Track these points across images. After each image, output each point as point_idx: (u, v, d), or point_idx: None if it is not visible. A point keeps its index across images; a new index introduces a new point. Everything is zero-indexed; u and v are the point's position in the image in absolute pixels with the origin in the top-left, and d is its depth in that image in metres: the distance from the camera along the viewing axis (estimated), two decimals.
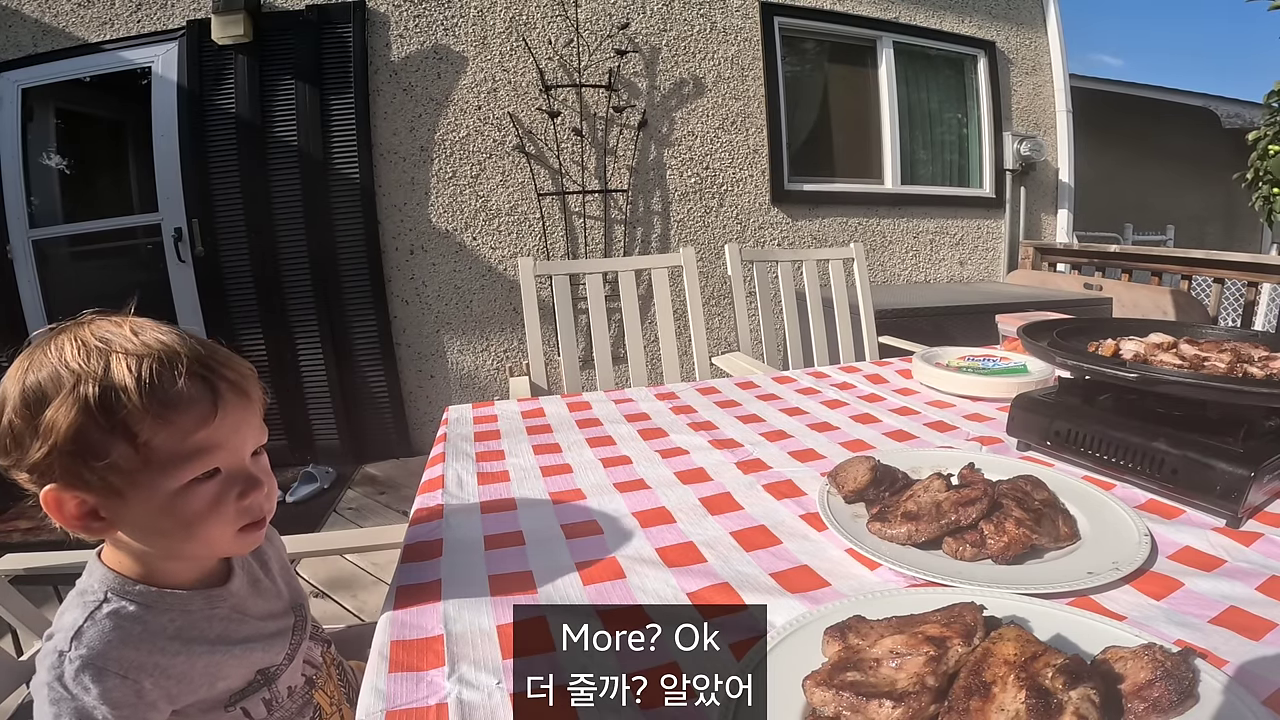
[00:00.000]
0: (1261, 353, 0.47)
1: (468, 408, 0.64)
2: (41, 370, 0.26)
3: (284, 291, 1.71)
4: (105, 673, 0.27)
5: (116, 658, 0.27)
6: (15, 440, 0.26)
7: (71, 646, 0.27)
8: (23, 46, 1.64)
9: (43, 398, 0.25)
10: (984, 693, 0.23)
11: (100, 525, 0.27)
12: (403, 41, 1.73)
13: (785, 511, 0.41)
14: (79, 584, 0.29)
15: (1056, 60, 2.37)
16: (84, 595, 0.29)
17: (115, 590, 0.28)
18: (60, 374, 0.25)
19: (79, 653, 0.27)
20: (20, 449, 0.26)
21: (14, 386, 0.26)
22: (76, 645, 0.27)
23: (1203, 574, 0.33)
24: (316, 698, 0.36)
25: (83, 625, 0.27)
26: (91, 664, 0.27)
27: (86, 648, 0.27)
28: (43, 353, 0.27)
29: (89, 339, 0.27)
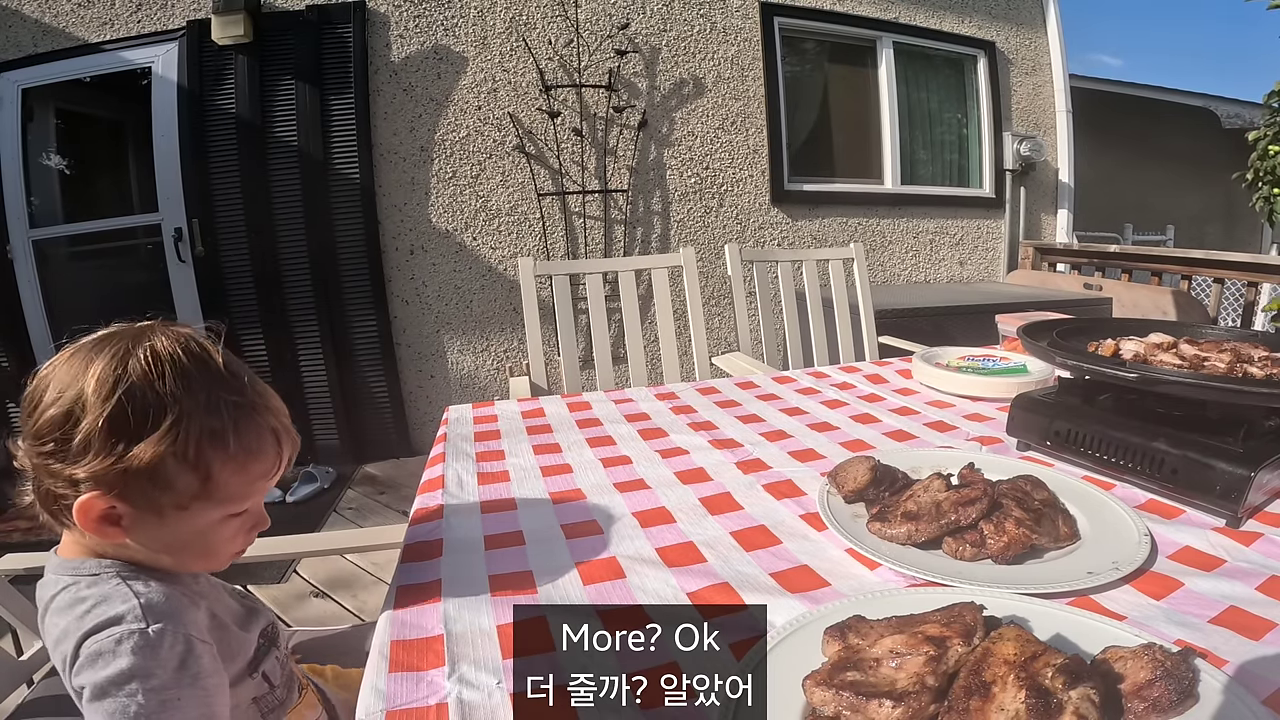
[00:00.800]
0: (1261, 353, 0.47)
1: (468, 408, 0.64)
2: (134, 390, 0.25)
3: (284, 291, 1.71)
4: (193, 640, 0.26)
5: (190, 622, 0.27)
6: (86, 448, 0.25)
7: (148, 620, 0.25)
8: (23, 47, 1.64)
9: (134, 424, 0.25)
10: (984, 692, 0.23)
11: (115, 531, 0.27)
12: (403, 42, 1.73)
13: (785, 511, 0.41)
14: (64, 578, 0.28)
15: (1056, 60, 2.37)
16: (100, 582, 0.27)
17: (124, 571, 0.28)
18: (160, 402, 0.25)
19: (159, 624, 0.25)
20: (90, 456, 0.25)
21: (98, 397, 0.25)
22: (151, 617, 0.26)
23: (1203, 574, 0.33)
24: (294, 671, 0.37)
25: (139, 601, 0.26)
26: (180, 636, 0.26)
27: (162, 617, 0.26)
28: (135, 364, 0.26)
29: (187, 366, 0.27)
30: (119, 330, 0.28)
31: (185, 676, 0.26)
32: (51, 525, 0.28)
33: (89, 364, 0.26)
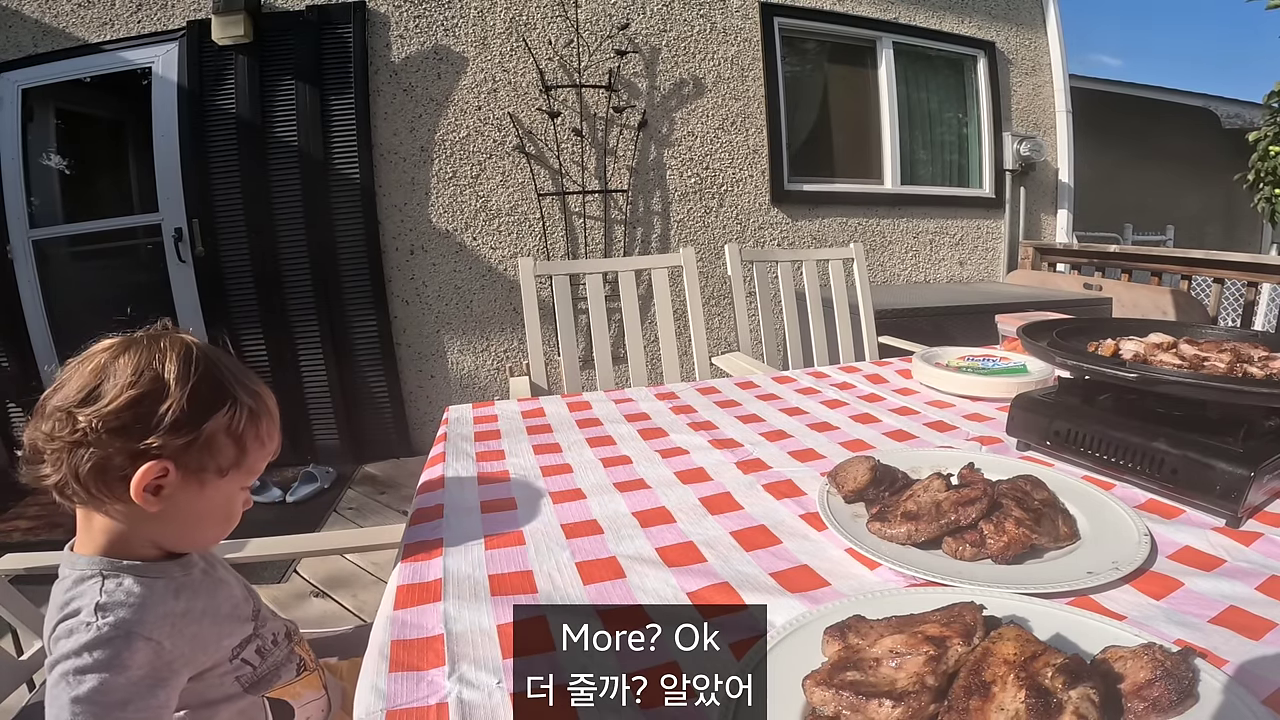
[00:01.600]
0: (1261, 353, 0.47)
1: (468, 408, 0.64)
2: (205, 374, 0.33)
3: (284, 291, 1.71)
4: (133, 636, 0.31)
5: (139, 621, 0.31)
6: (165, 421, 0.31)
7: (98, 617, 0.30)
8: (23, 47, 1.64)
9: (206, 403, 0.32)
10: (984, 692, 0.23)
11: (154, 501, 0.32)
12: (403, 42, 1.73)
13: (785, 511, 0.41)
14: (67, 576, 0.32)
15: (1056, 61, 2.37)
16: (82, 580, 0.32)
17: (108, 569, 0.32)
18: (221, 386, 0.33)
19: (106, 620, 0.30)
20: (167, 429, 0.31)
21: (178, 379, 0.32)
22: (102, 615, 0.30)
23: (1202, 574, 0.33)
24: (299, 651, 0.39)
25: (100, 599, 0.31)
26: (120, 629, 0.30)
27: (114, 616, 0.31)
28: (199, 355, 0.33)
29: (226, 359, 0.35)
30: (152, 333, 0.34)
31: (115, 663, 0.30)
32: (67, 505, 0.33)
33: (153, 355, 0.32)
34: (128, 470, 0.31)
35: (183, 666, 0.33)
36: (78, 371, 0.32)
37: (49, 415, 0.31)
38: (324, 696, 0.40)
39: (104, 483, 0.31)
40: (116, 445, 0.30)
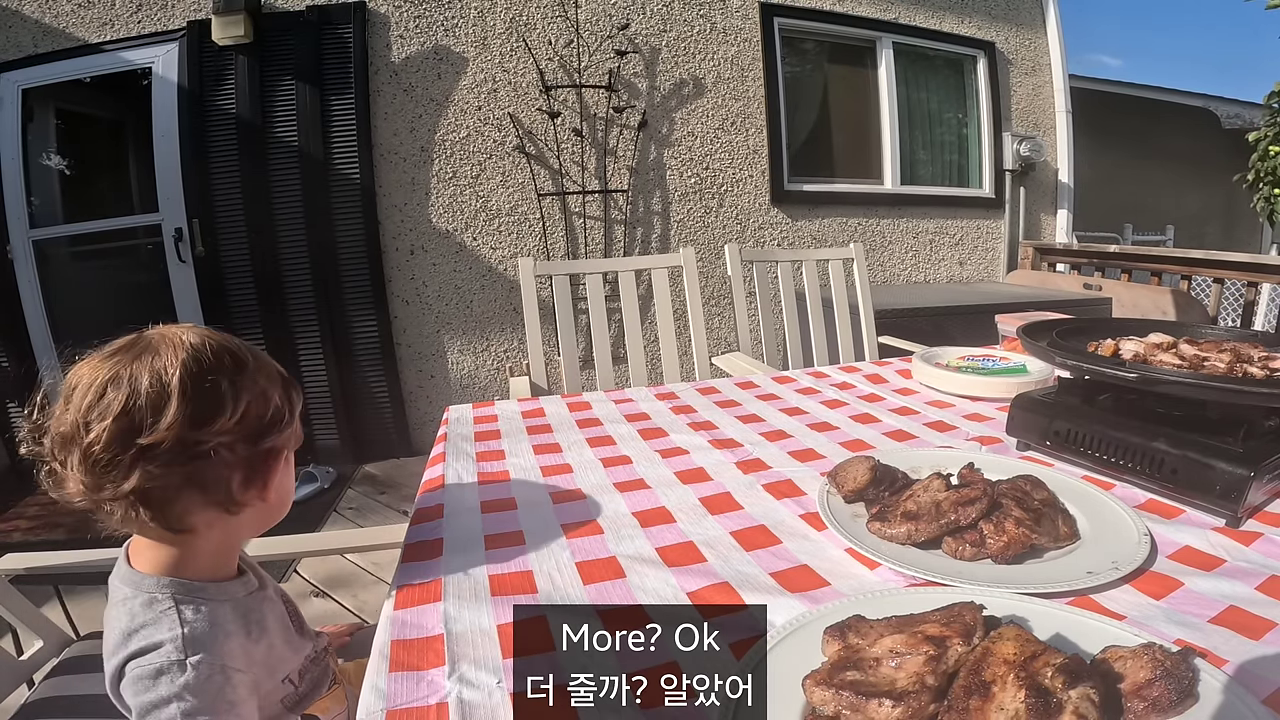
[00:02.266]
0: (1261, 353, 0.47)
1: (468, 408, 0.64)
2: (259, 378, 0.33)
3: (284, 291, 1.71)
4: (229, 671, 0.29)
5: (227, 653, 0.30)
6: (277, 414, 0.32)
7: (188, 653, 0.28)
8: (23, 47, 1.64)
9: (235, 404, 0.31)
10: (983, 692, 0.23)
11: (250, 497, 0.32)
12: (403, 42, 1.73)
13: (785, 511, 0.41)
14: (131, 597, 0.30)
15: (1056, 61, 2.37)
16: (153, 605, 0.30)
17: (180, 594, 0.30)
18: (243, 384, 0.32)
19: (198, 657, 0.28)
20: (216, 427, 0.30)
21: (274, 378, 0.34)
22: (192, 650, 0.29)
23: (1202, 573, 0.33)
24: (330, 662, 0.38)
25: (184, 632, 0.29)
26: (215, 665, 0.29)
27: (204, 651, 0.29)
28: (256, 369, 0.34)
29: (235, 349, 0.35)
30: (162, 329, 0.34)
31: (221, 703, 0.29)
32: (132, 525, 0.30)
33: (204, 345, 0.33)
34: (230, 475, 0.30)
35: (261, 694, 0.32)
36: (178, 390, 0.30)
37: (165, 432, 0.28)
38: (345, 709, 0.39)
39: (203, 491, 0.29)
40: (241, 449, 0.30)
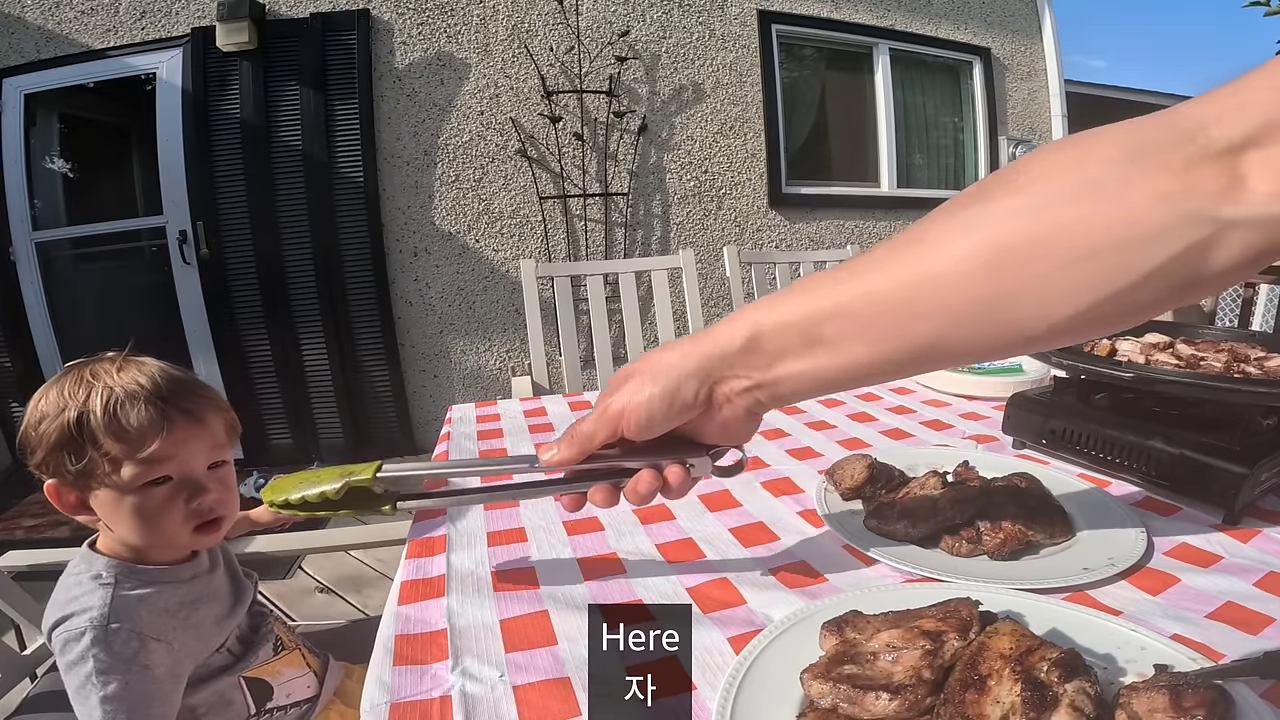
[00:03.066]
0: (1258, 352, 0.47)
1: (471, 407, 0.65)
2: (49, 396, 0.35)
3: (289, 293, 1.72)
4: (146, 638, 0.33)
5: (152, 624, 0.34)
6: (29, 445, 0.35)
7: (111, 619, 0.32)
8: (25, 53, 1.66)
9: (44, 417, 0.34)
10: (979, 685, 0.23)
11: (90, 516, 0.35)
12: (406, 48, 1.75)
13: (783, 508, 0.41)
14: (78, 571, 0.35)
15: (1051, 66, 2.40)
16: (98, 579, 0.34)
17: (123, 571, 0.35)
18: (58, 400, 0.34)
19: (119, 624, 0.32)
20: (32, 451, 0.35)
21: (33, 407, 0.35)
22: (115, 617, 0.32)
23: (1199, 570, 0.33)
24: (275, 629, 0.41)
25: (111, 602, 0.33)
26: (135, 633, 0.32)
27: (129, 619, 0.33)
28: (58, 383, 0.35)
29: (85, 375, 0.35)
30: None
31: (135, 665, 0.32)
32: (85, 524, 0.36)
33: (38, 393, 0.35)
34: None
35: (189, 661, 0.35)
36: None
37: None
38: (308, 674, 0.41)
39: (53, 503, 0.34)
40: (33, 469, 0.34)
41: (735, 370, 0.24)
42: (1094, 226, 0.17)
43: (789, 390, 0.24)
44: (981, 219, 0.19)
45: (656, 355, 0.25)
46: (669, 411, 0.25)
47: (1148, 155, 0.17)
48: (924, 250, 0.21)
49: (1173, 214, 0.16)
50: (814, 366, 0.23)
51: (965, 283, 0.19)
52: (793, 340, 0.23)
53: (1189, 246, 0.16)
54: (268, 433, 1.77)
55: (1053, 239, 0.18)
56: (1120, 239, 0.17)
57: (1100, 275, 0.17)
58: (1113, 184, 0.17)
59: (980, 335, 0.20)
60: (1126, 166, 0.17)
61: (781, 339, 0.23)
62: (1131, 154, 0.17)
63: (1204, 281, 0.17)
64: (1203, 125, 0.16)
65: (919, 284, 0.20)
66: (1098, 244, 0.17)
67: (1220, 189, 0.16)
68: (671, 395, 0.24)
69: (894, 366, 0.23)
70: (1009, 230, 0.19)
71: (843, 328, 0.22)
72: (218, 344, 1.75)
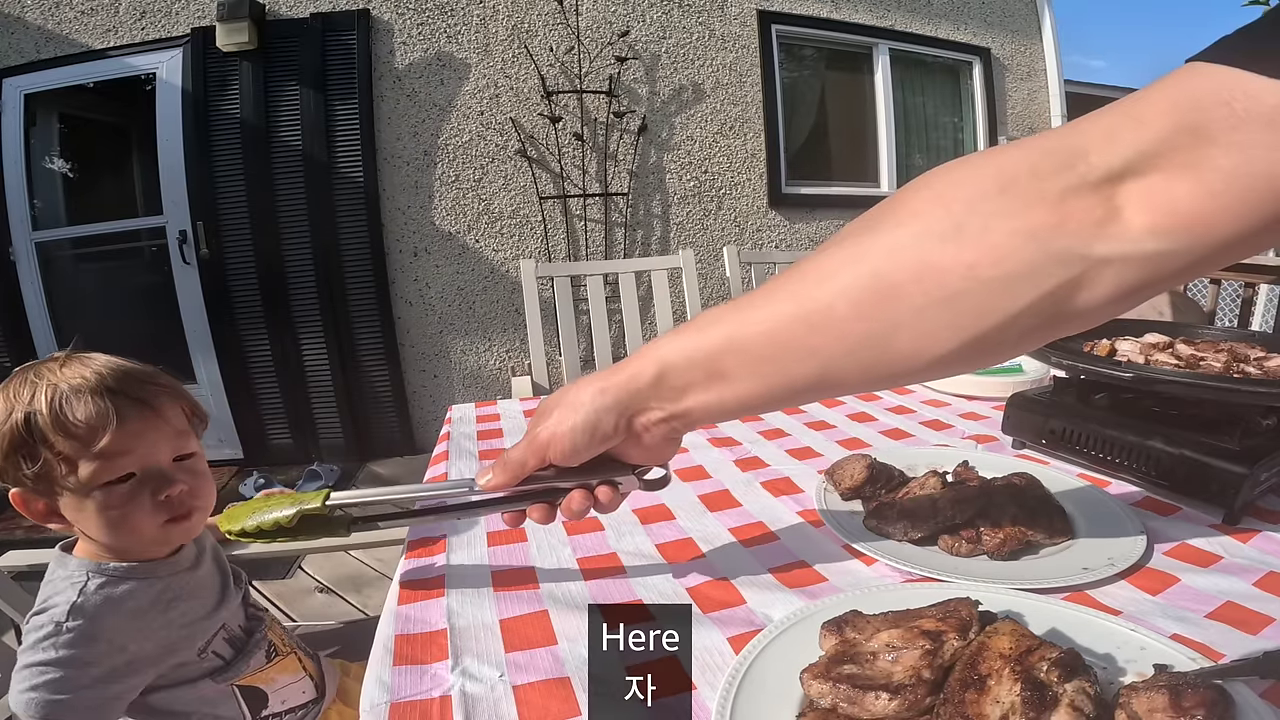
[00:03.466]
0: (1258, 352, 0.47)
1: (471, 407, 0.65)
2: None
3: (289, 293, 1.72)
4: (97, 639, 0.32)
5: (108, 625, 0.33)
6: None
7: (69, 618, 0.32)
8: (25, 53, 1.66)
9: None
10: (979, 685, 0.23)
11: (61, 524, 0.34)
12: (406, 49, 1.75)
13: (783, 508, 0.41)
14: (54, 575, 0.35)
15: (1051, 66, 2.40)
16: (69, 579, 0.34)
17: (94, 570, 0.34)
18: (5, 404, 0.33)
19: (76, 624, 0.32)
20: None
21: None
22: (74, 617, 0.32)
23: (1199, 570, 0.33)
24: (270, 636, 0.40)
25: (76, 600, 0.33)
26: (86, 630, 0.32)
27: (84, 619, 0.32)
28: (3, 388, 0.34)
29: (29, 376, 0.34)
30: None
31: (77, 663, 0.31)
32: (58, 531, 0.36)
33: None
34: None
35: (147, 666, 0.34)
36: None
37: None
38: (303, 678, 0.40)
39: (21, 512, 0.33)
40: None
41: (649, 403, 0.25)
42: (957, 267, 0.17)
43: (700, 418, 0.25)
44: (867, 252, 0.20)
45: (575, 389, 0.26)
46: (590, 441, 0.26)
47: (1022, 186, 0.17)
48: (816, 282, 0.21)
49: (1041, 253, 0.16)
50: (719, 398, 0.24)
51: (852, 314, 0.20)
52: (697, 375, 0.24)
53: (1059, 285, 0.16)
54: (268, 433, 1.77)
55: (923, 277, 0.18)
56: (984, 279, 0.17)
57: (967, 315, 0.18)
58: (976, 224, 0.17)
59: (865, 367, 0.21)
60: (997, 201, 0.17)
61: (686, 374, 0.24)
62: (1004, 185, 0.17)
63: (1076, 317, 0.17)
64: (1084, 151, 0.16)
65: (809, 317, 0.21)
66: (961, 285, 0.17)
67: (1095, 221, 0.16)
68: (592, 427, 0.26)
69: (787, 395, 0.24)
70: (889, 266, 0.19)
71: (740, 361, 0.23)
72: (218, 344, 1.75)
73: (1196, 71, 0.15)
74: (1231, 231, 0.14)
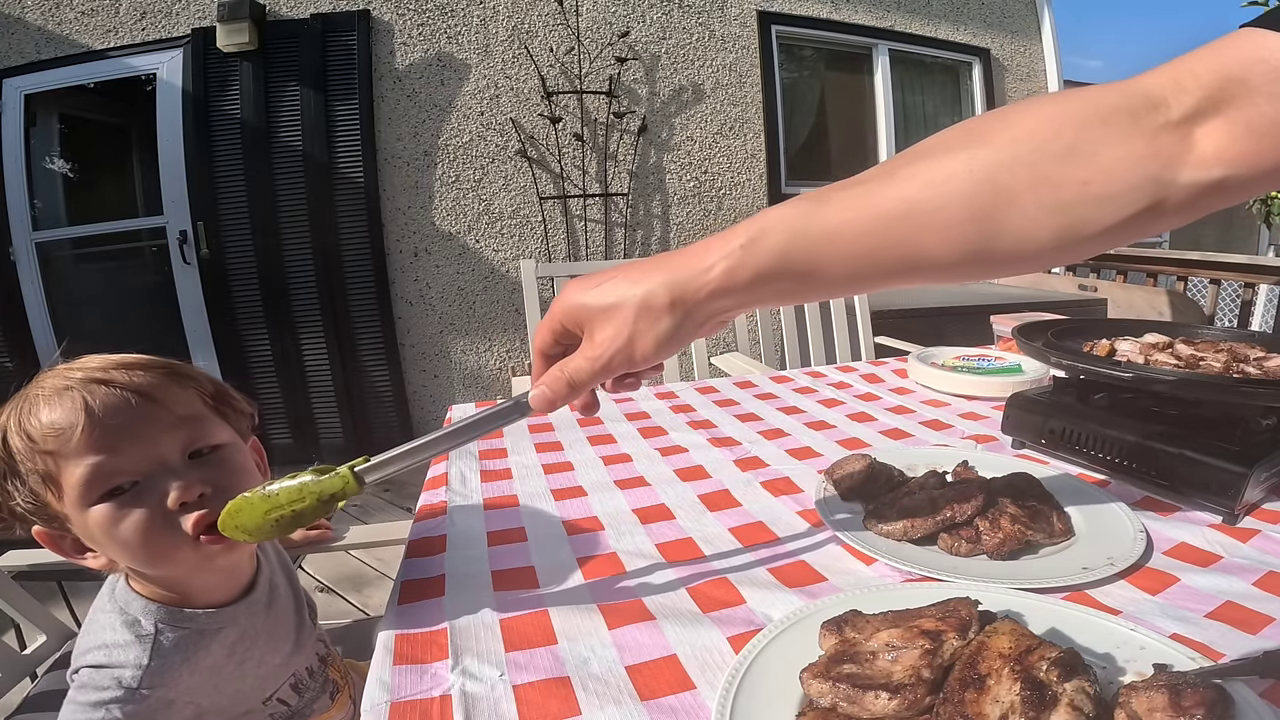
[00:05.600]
0: (1258, 352, 0.47)
1: (471, 407, 0.65)
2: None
3: (289, 293, 1.73)
4: (174, 703, 0.29)
5: (189, 685, 0.29)
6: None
7: (144, 682, 0.28)
8: (25, 54, 1.66)
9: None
10: (979, 685, 0.23)
11: (97, 559, 0.29)
12: (406, 49, 1.75)
13: (783, 508, 0.41)
14: (111, 610, 0.29)
15: (1051, 67, 2.40)
16: (134, 628, 0.29)
17: (164, 620, 0.29)
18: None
19: (149, 690, 0.28)
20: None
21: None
22: (150, 681, 0.28)
23: (1199, 569, 0.33)
24: (331, 674, 0.37)
25: (149, 663, 0.28)
26: (161, 700, 0.28)
27: (160, 685, 0.28)
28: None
29: (14, 396, 0.28)
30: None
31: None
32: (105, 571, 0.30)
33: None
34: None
35: (215, 717, 0.31)
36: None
37: None
38: (350, 708, 0.38)
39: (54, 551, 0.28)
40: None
41: (730, 308, 0.26)
42: (1072, 183, 0.20)
43: (767, 306, 0.27)
44: (985, 164, 0.22)
45: (654, 292, 0.25)
46: (673, 350, 0.26)
47: (1122, 121, 0.20)
48: (924, 186, 0.23)
49: (1142, 175, 0.20)
50: (798, 289, 0.25)
51: (965, 217, 0.22)
52: (789, 283, 0.24)
53: (1151, 203, 0.20)
54: (268, 433, 1.77)
55: (1039, 189, 0.21)
56: (1094, 195, 0.20)
57: (1074, 222, 0.21)
58: (1087, 148, 0.20)
59: (959, 261, 0.23)
60: (1101, 130, 0.20)
61: (778, 283, 0.24)
62: (1106, 118, 0.20)
63: (1154, 226, 0.21)
64: (1163, 98, 0.20)
65: (920, 217, 0.22)
66: (1073, 198, 0.20)
67: (1179, 154, 0.19)
68: (681, 340, 0.25)
69: (872, 285, 0.25)
70: (1008, 178, 0.21)
71: (838, 259, 0.24)
72: (218, 344, 1.75)
73: (1243, 35, 0.19)
74: (1275, 162, 0.18)
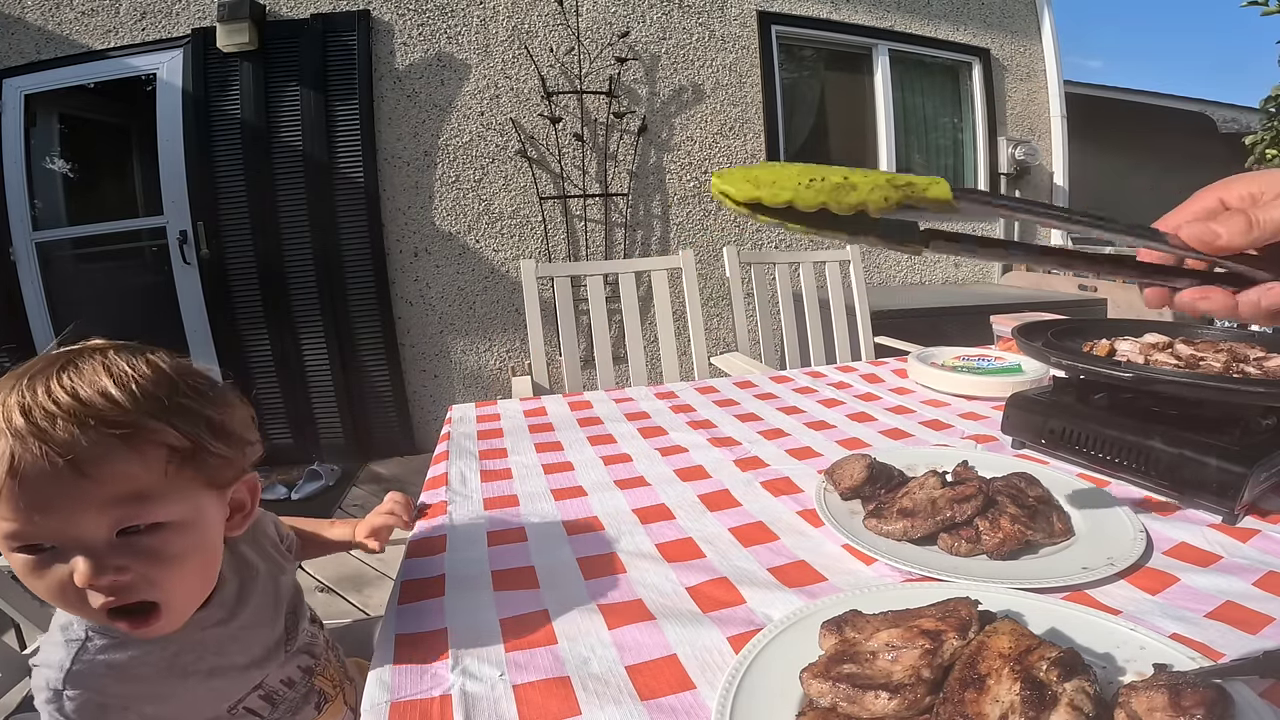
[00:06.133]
0: (1258, 353, 0.47)
1: (471, 407, 0.65)
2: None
3: (289, 293, 1.72)
4: (107, 709, 0.27)
5: (114, 693, 0.28)
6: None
7: (66, 686, 0.27)
8: (25, 54, 1.66)
9: None
10: (979, 685, 0.23)
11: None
12: (406, 49, 1.75)
13: (783, 508, 0.42)
14: (58, 618, 0.29)
15: (1051, 67, 2.40)
16: (66, 631, 0.28)
17: (95, 628, 0.28)
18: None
19: (75, 693, 0.27)
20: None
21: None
22: (70, 684, 0.27)
23: (1199, 569, 0.33)
24: (319, 684, 0.36)
25: (71, 666, 0.27)
26: (90, 703, 0.27)
27: (83, 688, 0.27)
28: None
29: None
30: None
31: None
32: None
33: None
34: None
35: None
36: None
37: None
38: (346, 713, 0.37)
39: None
40: None
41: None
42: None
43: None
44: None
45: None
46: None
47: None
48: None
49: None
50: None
51: None
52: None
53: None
54: (268, 433, 1.74)
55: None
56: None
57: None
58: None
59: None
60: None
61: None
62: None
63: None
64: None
65: None
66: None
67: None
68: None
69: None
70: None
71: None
72: (218, 344, 1.75)
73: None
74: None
